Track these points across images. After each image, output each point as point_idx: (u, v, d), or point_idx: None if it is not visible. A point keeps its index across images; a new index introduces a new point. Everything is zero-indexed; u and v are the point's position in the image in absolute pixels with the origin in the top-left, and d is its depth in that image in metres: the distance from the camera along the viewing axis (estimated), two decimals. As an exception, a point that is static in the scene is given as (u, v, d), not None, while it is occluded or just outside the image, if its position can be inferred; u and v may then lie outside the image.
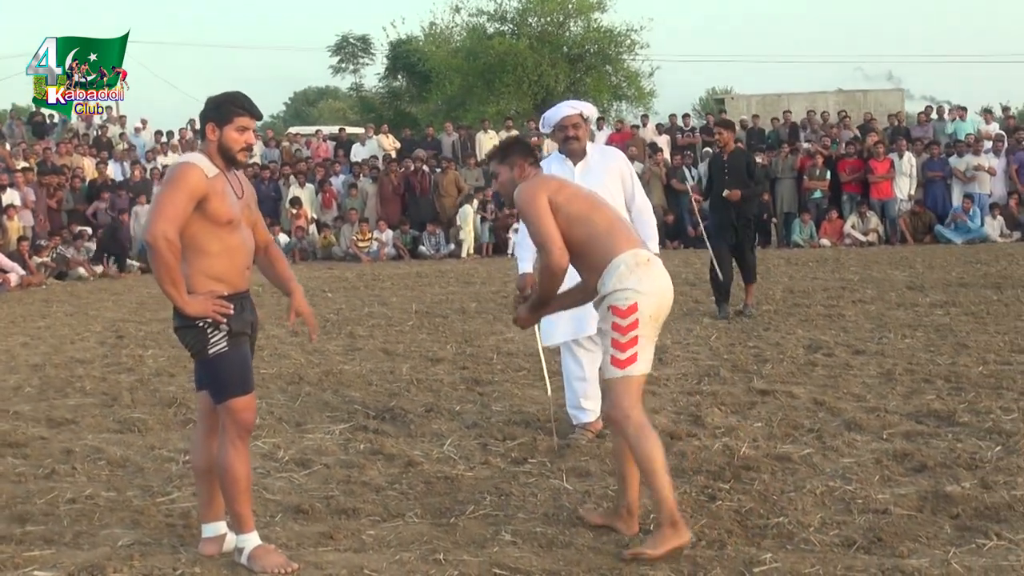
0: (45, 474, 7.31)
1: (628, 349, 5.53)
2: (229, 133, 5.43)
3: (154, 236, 5.15)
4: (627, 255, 5.59)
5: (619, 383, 5.54)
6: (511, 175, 5.99)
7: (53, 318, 16.39)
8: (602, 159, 8.16)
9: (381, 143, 31.54)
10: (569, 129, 8.03)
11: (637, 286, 5.53)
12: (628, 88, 47.21)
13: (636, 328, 5.53)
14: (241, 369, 5.44)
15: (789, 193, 26.71)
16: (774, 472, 6.81)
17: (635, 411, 5.53)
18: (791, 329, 12.53)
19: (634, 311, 5.53)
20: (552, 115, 8.14)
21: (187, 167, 5.34)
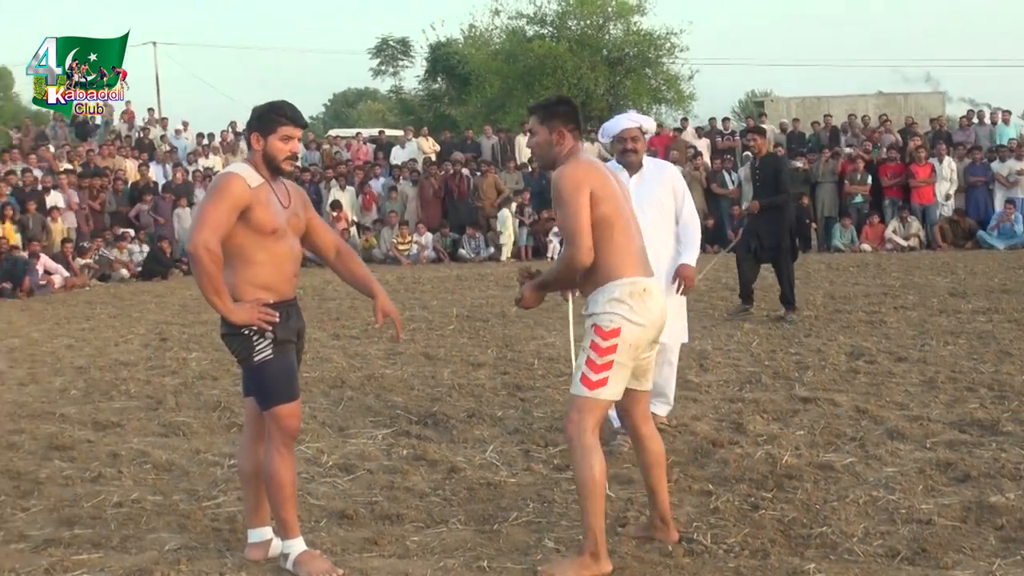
0: (92, 477, 7.39)
1: (600, 372, 5.41)
2: (273, 143, 5.47)
3: (195, 246, 5.20)
4: (625, 282, 5.47)
5: (583, 402, 5.41)
6: (548, 138, 5.72)
7: (97, 320, 16.53)
8: (656, 172, 8.36)
9: (421, 146, 31.59)
10: (628, 142, 8.21)
11: (627, 314, 5.43)
12: (668, 91, 47.06)
13: (613, 353, 5.41)
14: (286, 376, 5.48)
15: (830, 198, 26.60)
16: (817, 481, 6.80)
17: (588, 434, 5.38)
18: (833, 335, 12.50)
19: (615, 335, 5.41)
20: (612, 126, 8.33)
21: (230, 177, 5.39)
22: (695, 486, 6.78)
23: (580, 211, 5.39)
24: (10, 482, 7.31)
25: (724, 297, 16.01)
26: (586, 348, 5.46)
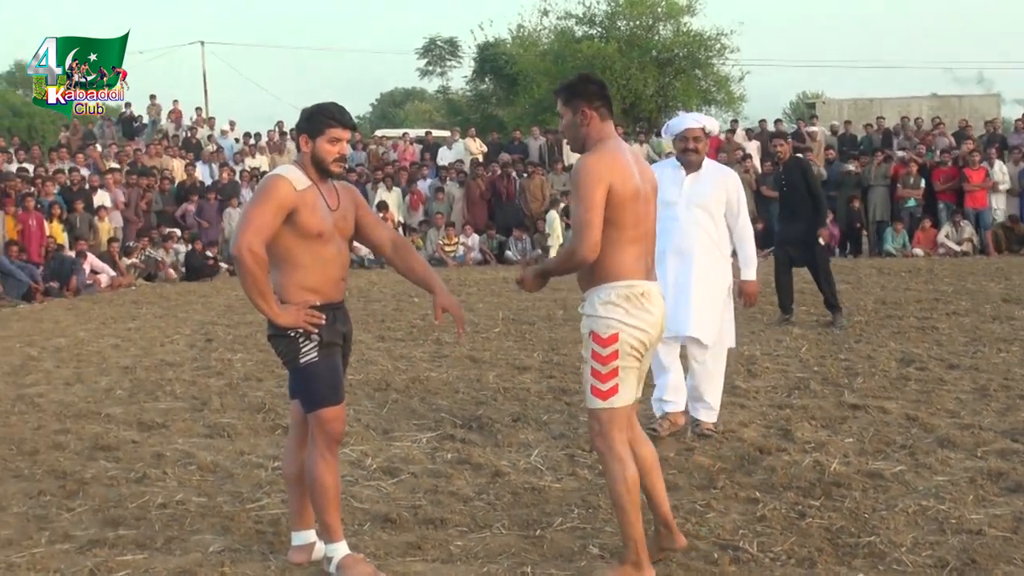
0: (136, 478, 7.45)
1: (608, 380, 5.36)
2: (321, 145, 5.48)
3: (239, 248, 5.23)
4: (622, 285, 5.38)
5: (601, 413, 5.38)
6: (573, 120, 5.56)
7: (143, 320, 16.66)
8: (714, 175, 8.50)
9: (468, 147, 31.68)
10: (690, 141, 8.36)
11: (622, 317, 5.35)
12: (718, 93, 46.99)
13: (616, 359, 5.35)
14: (331, 379, 5.50)
15: (882, 201, 26.41)
16: (865, 489, 6.77)
17: (616, 443, 5.36)
18: (883, 341, 12.42)
19: (614, 342, 5.35)
20: (676, 124, 8.50)
21: (276, 180, 5.41)
22: (742, 493, 6.76)
23: (593, 207, 5.26)
24: (56, 482, 7.39)
25: (773, 302, 15.92)
26: (588, 359, 5.41)
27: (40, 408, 9.93)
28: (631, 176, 5.41)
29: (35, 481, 7.46)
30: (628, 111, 44.80)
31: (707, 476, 7.17)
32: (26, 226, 22.05)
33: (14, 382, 11.37)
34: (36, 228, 22.18)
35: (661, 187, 8.22)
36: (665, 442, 8.01)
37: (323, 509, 5.53)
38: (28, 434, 8.87)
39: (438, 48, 61.89)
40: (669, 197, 8.24)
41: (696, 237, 8.32)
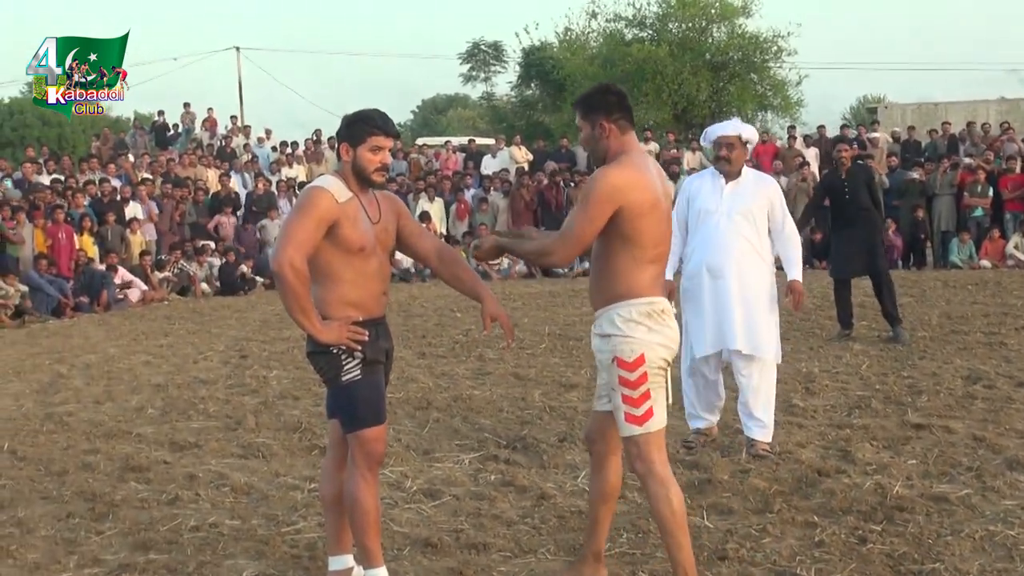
0: (168, 500, 7.50)
1: (642, 404, 5.37)
2: (363, 153, 5.48)
3: (280, 264, 5.23)
4: (643, 302, 5.38)
5: (640, 439, 5.38)
6: (591, 133, 5.55)
7: (175, 336, 16.77)
8: (755, 184, 8.61)
9: (513, 155, 31.66)
10: (723, 149, 8.51)
11: (646, 336, 5.36)
12: (774, 97, 46.77)
13: (645, 382, 5.36)
14: (374, 398, 5.50)
15: (947, 210, 26.17)
16: (929, 514, 6.72)
17: (658, 466, 5.39)
18: (948, 358, 12.34)
19: (641, 364, 5.35)
20: (712, 130, 8.70)
21: (317, 192, 5.41)
22: (799, 517, 6.73)
23: (592, 222, 5.30)
24: (85, 504, 7.45)
25: (831, 316, 15.84)
26: (617, 387, 5.38)
27: (69, 427, 10.00)
28: (652, 191, 5.38)
29: (64, 503, 7.52)
30: (680, 117, 44.72)
31: (763, 499, 7.14)
32: (55, 239, 22.23)
33: (43, 400, 11.47)
34: (66, 241, 22.37)
35: (700, 196, 8.43)
36: (719, 464, 7.98)
37: (363, 532, 5.53)
38: (57, 454, 8.94)
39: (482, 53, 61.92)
40: (709, 206, 8.44)
41: (738, 247, 8.41)
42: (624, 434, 5.42)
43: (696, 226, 8.63)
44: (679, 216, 8.71)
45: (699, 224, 8.60)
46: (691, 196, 8.73)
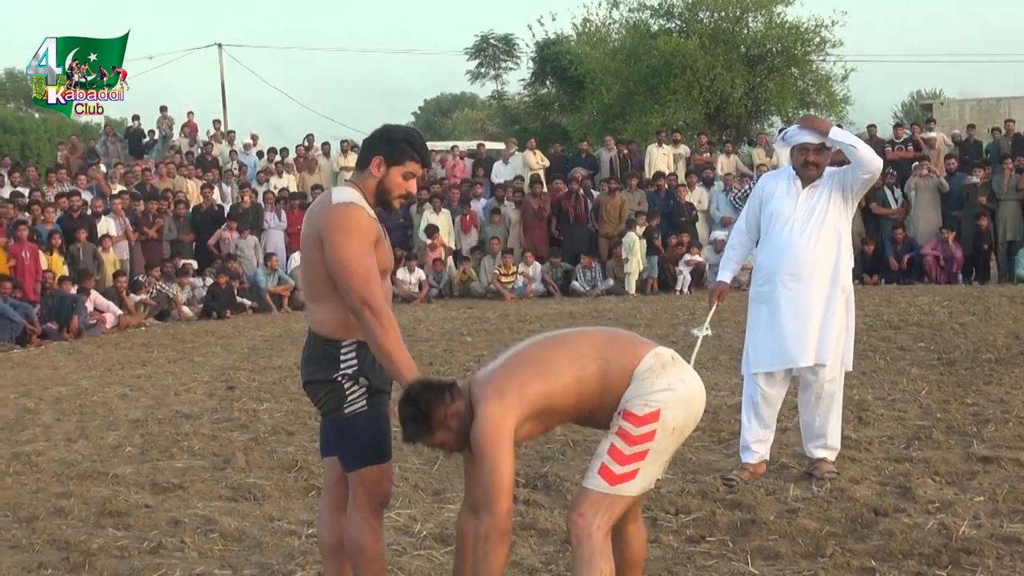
0: (151, 548, 7.50)
1: (629, 464, 5.24)
2: (395, 175, 5.53)
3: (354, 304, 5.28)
4: (650, 357, 5.36)
5: (600, 497, 5.25)
6: None
7: (154, 365, 16.78)
8: (829, 181, 8.82)
9: (527, 160, 31.58)
10: (810, 154, 8.72)
11: (667, 386, 5.29)
12: (817, 94, 46.68)
13: (650, 441, 5.24)
14: (380, 432, 5.51)
15: (1013, 218, 26.05)
16: (1000, 557, 6.71)
17: (600, 535, 5.23)
18: (1017, 383, 12.32)
19: (654, 420, 5.24)
20: (793, 134, 8.88)
21: (356, 210, 5.40)
22: (854, 562, 6.72)
23: (502, 459, 5.18)
24: (58, 553, 7.45)
25: (886, 337, 15.85)
26: (611, 436, 5.30)
27: (39, 468, 10.01)
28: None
29: (34, 552, 7.52)
30: (713, 116, 44.71)
31: (813, 542, 7.13)
32: (19, 259, 22.19)
33: (8, 438, 11.47)
34: (31, 261, 22.33)
35: (775, 199, 8.54)
36: (764, 503, 7.97)
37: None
38: (26, 498, 8.95)
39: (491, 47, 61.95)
40: (784, 210, 8.65)
41: (813, 257, 8.65)
42: (586, 483, 5.32)
43: (768, 231, 8.87)
44: (749, 217, 9.07)
45: (770, 229, 8.85)
46: (764, 198, 8.98)
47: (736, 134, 43.74)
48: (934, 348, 14.94)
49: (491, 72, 61.62)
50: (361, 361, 5.44)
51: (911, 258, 25.69)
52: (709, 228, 27.78)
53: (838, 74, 46.95)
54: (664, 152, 30.73)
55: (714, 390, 12.38)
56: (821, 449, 8.77)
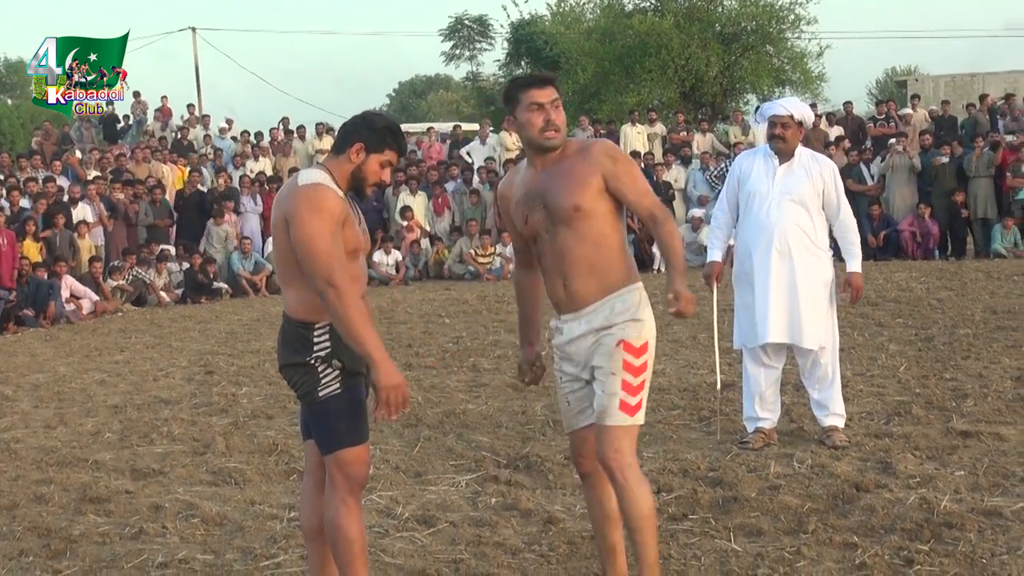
0: (132, 534, 7.49)
1: (638, 394, 5.59)
2: (372, 163, 5.53)
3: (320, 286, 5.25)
4: (640, 287, 5.71)
5: (628, 431, 5.60)
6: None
7: (132, 351, 16.73)
8: (809, 165, 8.99)
9: (503, 141, 31.54)
10: (777, 127, 8.89)
11: (650, 322, 5.67)
12: (792, 71, 46.74)
13: (646, 372, 5.63)
14: (355, 414, 5.51)
15: (985, 195, 25.98)
16: (982, 530, 6.73)
17: (636, 460, 5.64)
18: (995, 357, 12.35)
19: (645, 351, 5.62)
20: (766, 108, 9.17)
21: (323, 190, 5.38)
22: (837, 538, 6.73)
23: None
24: (39, 540, 7.43)
25: (864, 313, 15.86)
26: (619, 371, 5.54)
27: (18, 456, 9.98)
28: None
29: (15, 540, 7.50)
30: (688, 95, 44.73)
31: (795, 518, 7.15)
32: (-6, 245, 22.11)
33: (-13, 426, 11.44)
34: (7, 247, 22.23)
35: (752, 177, 8.74)
36: (745, 480, 7.98)
37: (347, 564, 5.52)
38: (5, 485, 8.92)
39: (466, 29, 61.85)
40: (761, 188, 8.84)
41: (792, 233, 8.81)
42: (611, 422, 5.56)
43: (746, 209, 9.05)
44: (728, 196, 9.25)
45: (748, 207, 9.03)
46: (742, 176, 9.15)
47: (712, 112, 43.73)
48: (912, 324, 14.97)
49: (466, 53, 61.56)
50: (335, 344, 5.42)
51: (887, 234, 25.71)
52: (686, 207, 27.78)
53: (813, 51, 47.09)
54: (639, 131, 30.77)
55: (693, 368, 12.41)
56: (829, 417, 9.02)
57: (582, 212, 5.54)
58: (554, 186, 5.62)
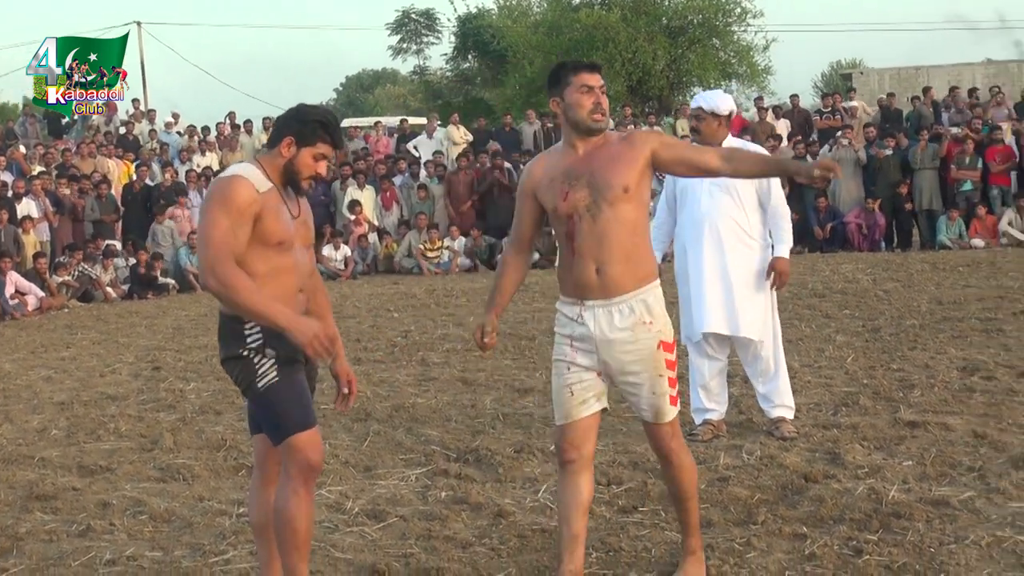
0: (79, 531, 7.43)
1: (675, 387, 5.89)
2: (305, 157, 5.50)
3: (204, 275, 5.27)
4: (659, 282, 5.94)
5: (676, 421, 5.97)
6: None
7: (79, 347, 16.62)
8: None
9: (450, 135, 31.55)
10: (693, 121, 9.13)
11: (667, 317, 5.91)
12: (739, 65, 46.93)
13: (675, 367, 5.91)
14: (298, 399, 5.47)
15: (930, 187, 26.14)
16: (930, 520, 6.75)
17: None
18: (942, 347, 12.42)
19: (674, 347, 5.89)
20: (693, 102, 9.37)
21: (234, 181, 5.37)
22: (786, 528, 6.75)
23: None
24: (-16, 538, 7.36)
25: (811, 305, 15.94)
26: (664, 371, 5.79)
27: (-37, 453, 9.89)
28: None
29: (-39, 538, 7.43)
30: (635, 88, 44.80)
31: (745, 510, 7.16)
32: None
33: (-69, 424, 11.34)
34: (-47, 243, 22.10)
35: None
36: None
37: (289, 553, 5.49)
38: (-50, 484, 8.84)
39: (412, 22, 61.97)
40: (692, 182, 8.92)
41: (724, 225, 8.87)
42: (669, 419, 5.90)
43: (682, 203, 9.12)
44: (667, 193, 9.31)
45: (683, 201, 9.09)
46: None
47: (659, 106, 43.81)
48: (859, 315, 15.04)
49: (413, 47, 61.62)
50: (266, 334, 5.40)
51: (834, 227, 25.85)
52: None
53: (759, 45, 47.34)
54: (584, 126, 30.70)
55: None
56: (776, 409, 9.06)
57: (630, 194, 5.66)
58: (602, 167, 5.70)
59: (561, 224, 5.78)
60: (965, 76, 39.81)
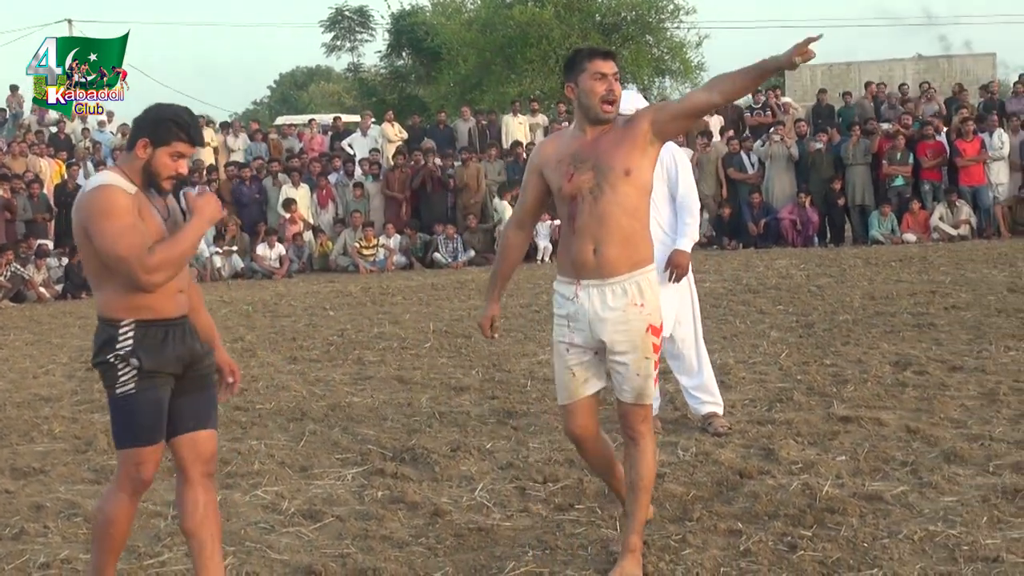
0: (13, 534, 7.34)
1: (657, 370, 6.13)
2: (162, 157, 5.43)
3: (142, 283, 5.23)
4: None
5: (650, 407, 6.14)
6: None
7: (10, 348, 16.46)
8: None
9: (385, 133, 31.48)
10: None
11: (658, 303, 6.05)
12: (672, 61, 47.13)
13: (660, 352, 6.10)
14: (148, 415, 5.44)
15: (862, 182, 26.37)
16: (863, 515, 6.79)
17: None
18: (874, 343, 12.50)
19: (662, 331, 6.09)
20: None
21: (106, 191, 5.32)
22: (721, 524, 6.77)
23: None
24: (-84, 543, 7.29)
25: (746, 301, 16.02)
26: (651, 354, 6.00)
27: None
28: None
29: None
30: (569, 86, 44.77)
31: (680, 506, 7.18)
32: None
33: None
34: None
35: None
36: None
37: (104, 553, 5.55)
38: None
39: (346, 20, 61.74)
40: None
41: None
42: (648, 401, 6.08)
43: None
44: None
45: None
46: None
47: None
48: (792, 311, 15.13)
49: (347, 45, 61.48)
50: (137, 342, 5.36)
51: (767, 222, 25.98)
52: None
53: (692, 41, 47.60)
54: (521, 122, 30.78)
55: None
56: (704, 405, 9.13)
57: (631, 176, 5.86)
58: (607, 150, 5.94)
59: (564, 204, 6.02)
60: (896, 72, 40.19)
